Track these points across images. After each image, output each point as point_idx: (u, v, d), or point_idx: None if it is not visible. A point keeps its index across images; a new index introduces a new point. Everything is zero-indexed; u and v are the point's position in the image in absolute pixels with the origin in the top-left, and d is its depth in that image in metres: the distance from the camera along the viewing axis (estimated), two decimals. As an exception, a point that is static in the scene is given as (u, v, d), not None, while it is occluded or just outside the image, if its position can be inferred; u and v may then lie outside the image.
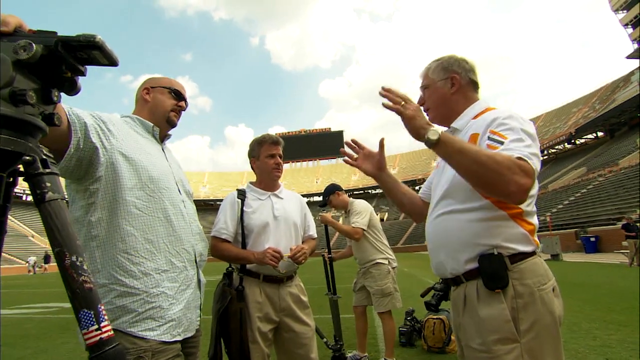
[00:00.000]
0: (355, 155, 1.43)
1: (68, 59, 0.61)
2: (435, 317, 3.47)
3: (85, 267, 0.58)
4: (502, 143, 1.02)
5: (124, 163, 1.14)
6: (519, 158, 0.96)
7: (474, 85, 1.29)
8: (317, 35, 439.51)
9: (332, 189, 3.28)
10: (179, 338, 1.15)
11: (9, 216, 0.60)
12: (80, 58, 0.63)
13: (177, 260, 1.20)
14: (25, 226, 42.07)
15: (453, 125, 1.25)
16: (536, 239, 1.12)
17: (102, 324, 0.56)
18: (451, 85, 1.26)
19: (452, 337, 3.39)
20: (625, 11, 40.25)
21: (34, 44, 0.54)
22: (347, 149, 1.44)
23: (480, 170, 0.96)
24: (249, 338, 1.74)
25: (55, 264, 0.58)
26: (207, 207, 56.99)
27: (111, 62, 0.66)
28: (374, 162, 1.39)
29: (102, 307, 0.58)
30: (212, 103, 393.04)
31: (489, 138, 1.06)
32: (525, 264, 1.07)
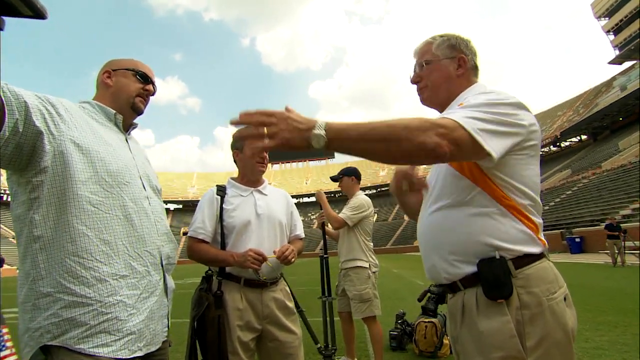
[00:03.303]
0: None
1: None
2: (427, 320, 3.36)
3: None
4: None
5: (77, 153, 0.98)
6: (438, 118, 0.82)
7: (477, 70, 1.17)
8: (308, 37, 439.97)
9: (352, 172, 3.18)
10: (139, 353, 1.00)
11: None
12: None
13: (139, 264, 1.05)
14: (6, 228, 40.69)
15: (444, 112, 1.11)
16: (542, 238, 0.99)
17: (2, 354, 0.41)
18: (458, 67, 1.13)
19: (445, 341, 3.29)
20: (607, 18, 41.50)
21: None
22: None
23: (387, 146, 0.80)
24: (228, 349, 1.58)
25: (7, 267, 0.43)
26: (195, 209, 56.11)
27: (36, 12, 0.52)
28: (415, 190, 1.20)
29: (4, 331, 0.43)
30: (202, 103, 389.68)
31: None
32: (532, 269, 0.94)
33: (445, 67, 1.13)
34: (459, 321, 1.00)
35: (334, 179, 3.24)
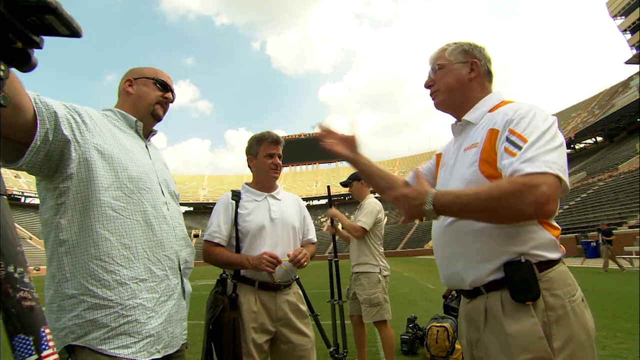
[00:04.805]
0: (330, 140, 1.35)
1: (16, 24, 0.50)
2: (438, 325, 3.34)
3: (26, 280, 0.46)
4: (520, 148, 0.93)
5: (100, 160, 1.02)
6: (526, 175, 0.87)
7: (490, 76, 1.20)
8: (317, 40, 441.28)
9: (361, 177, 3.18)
10: (157, 356, 1.03)
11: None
12: (32, 25, 0.53)
13: (158, 268, 1.08)
14: (23, 228, 41.80)
15: (465, 117, 1.14)
16: (560, 244, 1.02)
17: (45, 353, 0.44)
18: (470, 70, 1.15)
19: (457, 346, 3.26)
20: (623, 17, 40.48)
21: None
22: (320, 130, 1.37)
23: (489, 216, 0.94)
24: (242, 350, 1.61)
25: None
26: (206, 211, 56.81)
27: (72, 31, 0.55)
28: (347, 145, 1.34)
29: (47, 331, 0.46)
30: (213, 107, 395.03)
31: (507, 139, 0.96)
32: (554, 272, 0.97)
33: (458, 71, 1.16)
34: (481, 325, 1.02)
35: (344, 184, 3.25)
